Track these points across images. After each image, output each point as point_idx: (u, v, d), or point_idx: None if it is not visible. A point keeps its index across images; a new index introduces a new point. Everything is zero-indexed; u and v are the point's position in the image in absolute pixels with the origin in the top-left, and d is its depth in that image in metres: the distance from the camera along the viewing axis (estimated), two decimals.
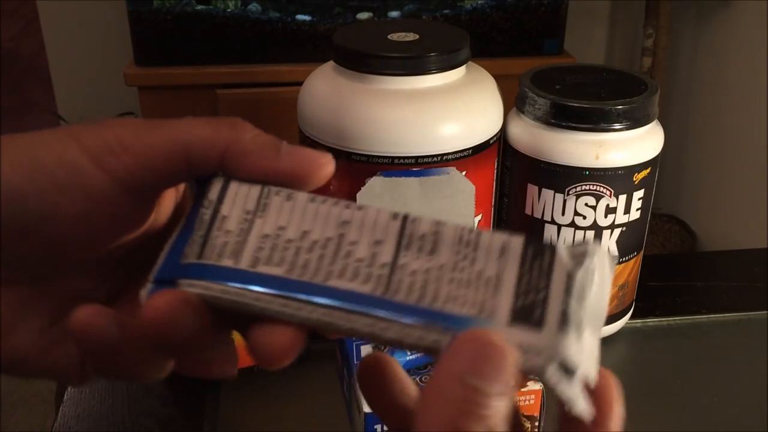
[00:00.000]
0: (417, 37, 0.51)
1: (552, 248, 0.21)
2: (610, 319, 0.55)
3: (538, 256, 0.21)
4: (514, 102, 0.53)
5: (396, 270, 0.21)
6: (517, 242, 0.21)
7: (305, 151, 0.23)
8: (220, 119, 0.23)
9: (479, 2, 1.35)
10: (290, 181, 0.23)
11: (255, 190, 0.23)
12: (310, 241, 0.22)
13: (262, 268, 0.21)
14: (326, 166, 0.23)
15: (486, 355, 0.18)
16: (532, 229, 0.53)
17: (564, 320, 0.20)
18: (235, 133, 0.23)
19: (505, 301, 0.20)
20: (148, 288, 0.22)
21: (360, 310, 0.21)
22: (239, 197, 0.23)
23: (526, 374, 0.20)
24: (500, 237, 0.22)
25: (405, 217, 0.22)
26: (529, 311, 0.20)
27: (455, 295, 0.20)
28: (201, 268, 0.21)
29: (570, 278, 0.21)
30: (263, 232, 0.22)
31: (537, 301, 0.20)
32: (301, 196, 0.23)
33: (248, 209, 0.22)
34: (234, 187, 0.23)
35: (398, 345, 0.20)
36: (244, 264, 0.21)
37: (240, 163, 0.23)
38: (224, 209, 0.22)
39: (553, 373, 0.20)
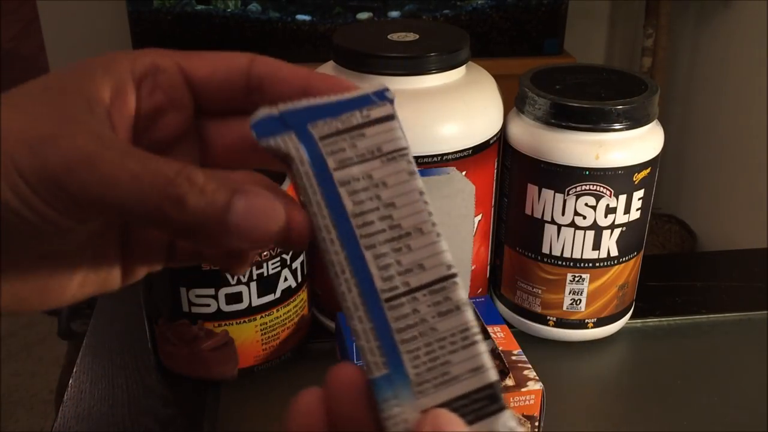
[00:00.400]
0: (417, 37, 0.51)
1: (502, 408, 0.22)
2: (611, 319, 0.56)
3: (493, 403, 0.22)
4: (514, 102, 0.53)
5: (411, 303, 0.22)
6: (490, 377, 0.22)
7: (257, 219, 0.21)
8: (168, 184, 0.20)
9: (479, 2, 1.35)
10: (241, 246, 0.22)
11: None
12: (387, 215, 0.22)
13: (343, 192, 0.22)
14: (277, 231, 0.21)
15: None
16: (533, 229, 0.53)
17: None
18: (180, 214, 0.20)
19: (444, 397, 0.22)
20: (263, 114, 0.23)
21: (360, 299, 0.22)
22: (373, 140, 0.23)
23: None
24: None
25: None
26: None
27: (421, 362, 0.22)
28: (313, 145, 0.22)
29: None
30: (371, 176, 0.23)
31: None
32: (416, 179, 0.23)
33: (373, 151, 0.23)
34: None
35: (356, 341, 0.22)
36: (336, 177, 0.22)
37: (186, 239, 0.21)
38: (368, 132, 0.23)
39: None
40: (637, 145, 0.50)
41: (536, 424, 0.45)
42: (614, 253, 0.52)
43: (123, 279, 0.26)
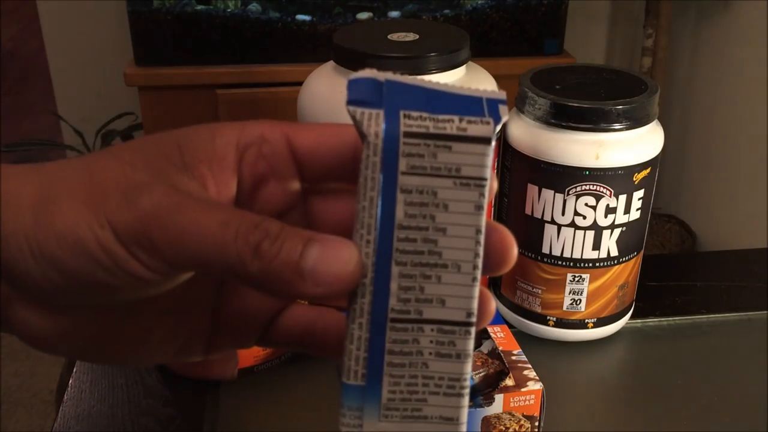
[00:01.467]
0: (417, 37, 0.51)
1: None
2: (611, 319, 0.56)
3: None
4: (514, 102, 0.53)
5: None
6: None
7: (332, 263, 0.20)
8: (250, 232, 0.20)
9: (479, 2, 1.35)
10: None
11: None
12: (432, 239, 0.21)
13: (400, 199, 0.21)
14: (354, 276, 0.21)
15: None
16: (533, 229, 0.53)
17: None
18: (259, 262, 0.20)
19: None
20: (367, 74, 0.21)
21: (369, 308, 0.21)
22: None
23: None
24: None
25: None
26: None
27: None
28: (394, 138, 0.21)
29: None
30: (436, 194, 0.21)
31: None
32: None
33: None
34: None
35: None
36: (401, 181, 0.21)
37: (263, 288, 0.21)
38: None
39: None
40: (637, 145, 0.50)
41: (536, 424, 0.45)
42: (614, 253, 0.52)
43: (206, 351, 0.26)
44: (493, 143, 0.21)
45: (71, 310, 0.23)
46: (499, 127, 0.21)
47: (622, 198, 0.50)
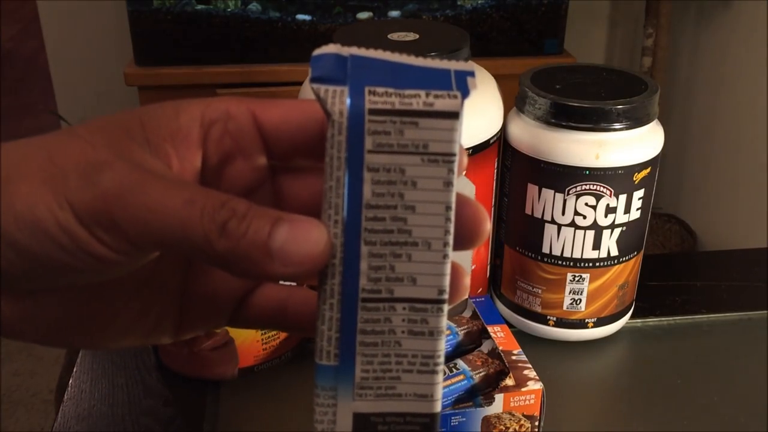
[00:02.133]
0: (417, 36, 0.51)
1: None
2: (611, 318, 0.55)
3: None
4: (514, 102, 0.53)
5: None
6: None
7: (301, 243, 0.20)
8: (216, 210, 0.20)
9: (479, 2, 1.35)
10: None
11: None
12: (401, 217, 0.21)
13: (367, 178, 0.21)
14: (323, 256, 0.20)
15: None
16: (533, 228, 0.53)
17: None
18: (226, 241, 0.20)
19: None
20: (331, 50, 0.21)
21: (339, 288, 0.21)
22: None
23: None
24: None
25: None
26: None
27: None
28: (359, 115, 0.20)
29: None
30: (404, 171, 0.21)
31: None
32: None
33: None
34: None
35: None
36: (367, 160, 0.20)
37: (230, 269, 0.20)
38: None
39: None
40: (637, 144, 0.50)
41: (536, 423, 0.45)
42: (614, 252, 0.52)
43: (176, 333, 0.26)
44: (461, 117, 0.20)
45: (35, 294, 0.22)
46: (465, 101, 0.21)
47: (623, 198, 0.50)
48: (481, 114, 0.50)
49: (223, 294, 0.25)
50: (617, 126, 0.49)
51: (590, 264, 0.52)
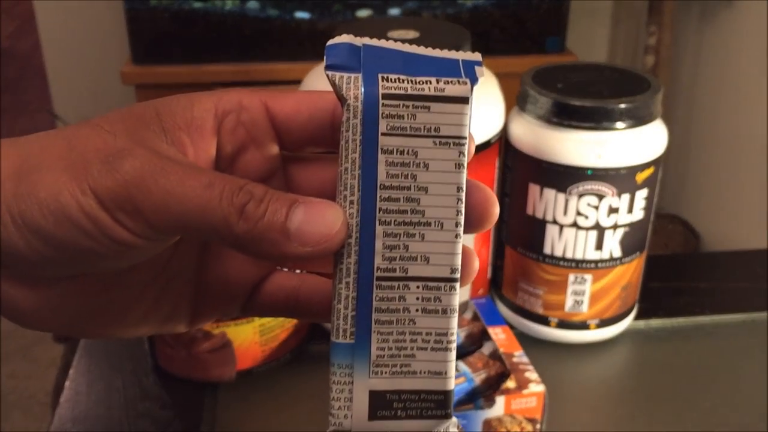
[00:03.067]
0: (417, 35, 0.51)
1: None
2: (613, 320, 0.55)
3: None
4: (515, 101, 0.53)
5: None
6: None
7: (317, 223, 0.21)
8: (234, 193, 0.21)
9: (480, 0, 1.35)
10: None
11: None
12: (415, 198, 0.22)
13: (381, 160, 0.21)
14: (339, 235, 0.21)
15: None
16: (534, 229, 0.52)
17: None
18: (244, 223, 0.20)
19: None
20: (344, 40, 0.22)
21: (355, 267, 0.21)
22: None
23: None
24: None
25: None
26: None
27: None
28: (373, 100, 0.21)
29: None
30: (417, 153, 0.22)
31: None
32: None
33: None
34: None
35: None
36: (382, 142, 0.21)
37: (248, 251, 0.21)
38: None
39: None
40: (639, 144, 0.49)
41: (538, 426, 0.44)
42: (617, 253, 0.52)
43: (191, 321, 0.26)
44: (471, 103, 0.22)
45: (55, 283, 0.23)
46: (474, 88, 0.22)
47: (625, 198, 0.50)
48: (483, 113, 0.50)
49: (237, 281, 0.26)
50: (620, 125, 0.48)
51: (592, 265, 0.52)
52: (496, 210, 0.23)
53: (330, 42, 0.22)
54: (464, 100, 0.21)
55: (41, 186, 0.20)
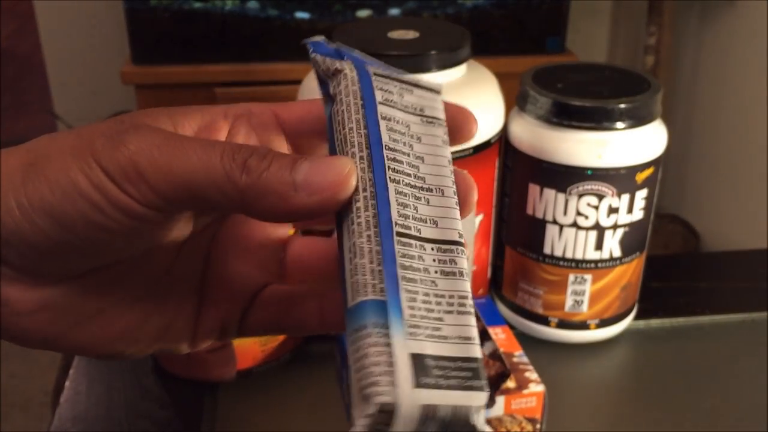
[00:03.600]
0: (417, 35, 0.51)
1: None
2: (613, 320, 0.55)
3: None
4: (515, 101, 0.53)
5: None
6: None
7: (324, 173, 0.20)
8: (235, 151, 0.21)
9: (480, 0, 1.35)
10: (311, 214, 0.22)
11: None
12: (415, 164, 0.22)
13: (383, 124, 0.22)
14: (348, 180, 0.21)
15: None
16: (534, 229, 0.52)
17: None
18: (247, 176, 0.20)
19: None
20: (321, 39, 0.24)
21: (375, 220, 0.21)
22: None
23: None
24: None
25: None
26: None
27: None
28: (366, 75, 0.23)
29: None
30: (409, 126, 0.23)
31: None
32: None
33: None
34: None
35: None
36: (380, 110, 0.23)
37: (255, 208, 0.21)
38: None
39: None
40: (640, 144, 0.49)
41: (538, 426, 0.44)
42: (617, 253, 0.52)
43: (193, 341, 0.26)
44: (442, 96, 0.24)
45: (57, 282, 0.23)
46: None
47: (625, 198, 0.50)
48: (482, 113, 0.50)
49: (240, 287, 0.26)
50: (620, 125, 0.48)
51: (592, 265, 0.52)
52: (474, 128, 0.24)
53: (309, 40, 0.23)
54: (437, 92, 0.24)
55: (50, 167, 0.21)
